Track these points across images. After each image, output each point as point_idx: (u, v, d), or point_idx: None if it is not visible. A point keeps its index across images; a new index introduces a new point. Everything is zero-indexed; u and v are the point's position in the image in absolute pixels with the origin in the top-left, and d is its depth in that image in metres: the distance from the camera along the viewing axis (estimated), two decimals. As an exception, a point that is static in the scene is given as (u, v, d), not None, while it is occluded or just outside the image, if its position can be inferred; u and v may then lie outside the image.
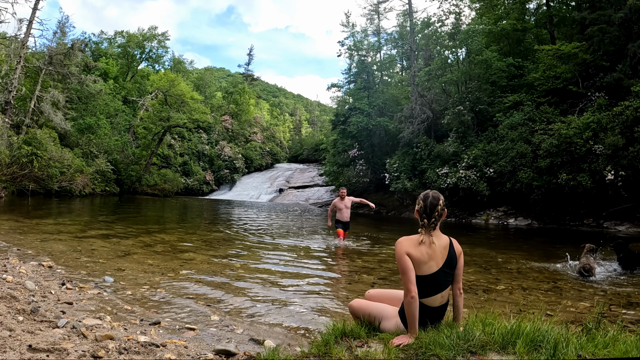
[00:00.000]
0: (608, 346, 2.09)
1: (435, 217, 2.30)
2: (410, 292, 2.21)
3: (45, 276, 4.21)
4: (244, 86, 50.17)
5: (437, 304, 2.34)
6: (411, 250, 2.27)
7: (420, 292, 2.27)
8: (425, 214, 2.31)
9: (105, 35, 38.12)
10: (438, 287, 2.31)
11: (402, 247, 2.28)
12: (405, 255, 2.26)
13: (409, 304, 2.23)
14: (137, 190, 28.80)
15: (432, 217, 2.30)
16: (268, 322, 3.31)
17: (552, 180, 13.76)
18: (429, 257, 2.28)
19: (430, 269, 2.28)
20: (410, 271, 2.23)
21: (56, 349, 2.17)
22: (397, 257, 2.30)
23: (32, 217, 10.01)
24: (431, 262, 2.28)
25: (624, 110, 12.56)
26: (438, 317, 2.39)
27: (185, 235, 8.81)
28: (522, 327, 2.18)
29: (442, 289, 2.33)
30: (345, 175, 26.49)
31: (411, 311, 2.22)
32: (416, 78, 21.99)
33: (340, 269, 5.83)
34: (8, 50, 21.46)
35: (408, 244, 2.30)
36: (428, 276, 2.28)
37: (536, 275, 5.53)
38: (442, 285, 2.33)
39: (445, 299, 2.39)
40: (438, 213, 2.30)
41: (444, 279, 2.32)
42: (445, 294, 2.38)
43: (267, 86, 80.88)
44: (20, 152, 17.83)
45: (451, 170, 17.63)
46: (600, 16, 14.91)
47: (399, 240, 2.34)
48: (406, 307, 2.26)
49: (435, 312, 2.35)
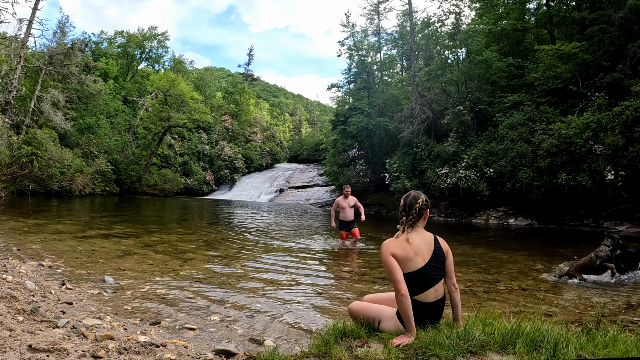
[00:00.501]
0: (608, 346, 2.09)
1: (413, 214, 2.41)
2: (400, 291, 2.24)
3: (45, 276, 4.22)
4: (244, 86, 50.18)
5: (431, 299, 2.36)
6: (395, 250, 2.34)
7: (412, 289, 2.30)
8: (405, 211, 2.44)
9: (105, 35, 38.14)
10: (427, 281, 2.35)
11: (386, 249, 2.36)
12: (390, 256, 2.32)
13: (401, 302, 2.25)
14: (137, 190, 28.80)
15: (410, 214, 2.41)
16: (268, 322, 3.31)
17: (552, 180, 13.75)
18: (414, 252, 2.34)
19: (417, 264, 2.33)
20: (397, 271, 2.29)
21: (56, 349, 2.17)
22: (383, 260, 2.38)
23: (32, 217, 10.01)
24: (417, 258, 2.34)
25: (624, 110, 12.55)
26: (436, 312, 2.40)
27: (185, 235, 8.81)
28: (522, 327, 2.18)
29: (432, 283, 2.36)
30: (345, 175, 26.49)
31: (404, 309, 2.24)
32: (416, 78, 21.99)
33: (341, 269, 5.83)
34: (8, 50, 21.47)
35: (392, 245, 2.37)
36: (416, 272, 2.32)
37: (536, 275, 5.53)
38: (432, 280, 2.36)
39: (441, 294, 2.40)
40: (416, 211, 2.41)
41: (432, 273, 2.36)
42: (440, 289, 2.39)
43: (267, 86, 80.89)
44: (20, 152, 17.83)
45: (451, 170, 17.63)
46: (600, 16, 14.91)
47: (384, 243, 2.41)
48: (399, 307, 2.28)
49: (431, 308, 2.36)
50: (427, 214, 2.47)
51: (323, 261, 6.44)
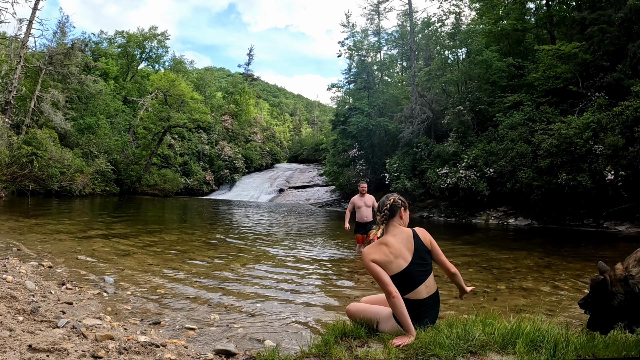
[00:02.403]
0: (608, 346, 2.09)
1: (385, 212, 2.47)
2: (391, 294, 2.26)
3: (45, 276, 4.22)
4: (244, 86, 50.16)
5: (424, 296, 2.37)
6: (375, 256, 2.35)
7: (401, 289, 2.31)
8: (378, 210, 2.54)
9: (105, 35, 38.08)
10: (415, 280, 2.36)
11: (366, 257, 2.38)
12: (372, 262, 2.34)
13: (393, 305, 2.27)
14: (137, 190, 28.78)
15: (382, 212, 2.49)
16: (268, 321, 3.31)
17: (552, 180, 13.76)
18: (394, 255, 2.35)
19: (399, 266, 2.34)
20: (382, 274, 2.30)
21: (56, 349, 2.17)
22: (366, 268, 2.41)
23: (32, 217, 10.00)
24: (398, 260, 2.35)
25: (624, 110, 12.55)
26: (431, 307, 2.40)
27: (185, 235, 8.81)
28: (522, 327, 2.18)
29: (421, 280, 2.37)
30: (345, 175, 26.50)
31: (399, 310, 2.25)
32: (416, 78, 22.00)
33: (341, 269, 5.82)
34: (8, 50, 21.45)
35: (371, 252, 2.39)
36: (400, 273, 2.34)
37: (536, 275, 5.53)
38: (419, 278, 2.36)
39: (433, 288, 2.42)
40: (387, 208, 2.47)
41: (418, 270, 2.37)
42: (431, 284, 2.41)
43: (267, 86, 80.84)
44: (20, 152, 17.82)
45: (451, 170, 17.63)
46: (600, 16, 14.91)
47: (363, 252, 2.44)
48: (393, 309, 2.29)
49: (426, 304, 2.38)
50: (403, 213, 2.50)
51: (323, 261, 6.44)
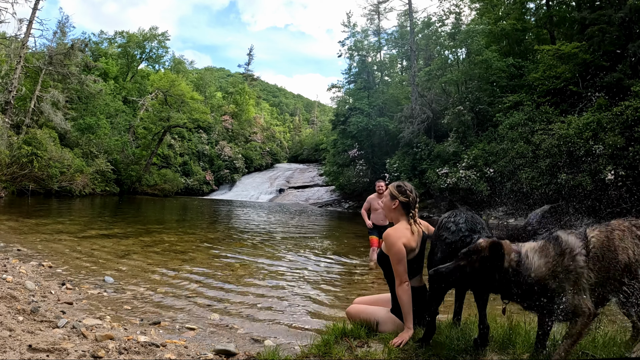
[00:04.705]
0: (608, 346, 2.09)
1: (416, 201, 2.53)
2: (405, 281, 2.29)
3: (45, 276, 4.21)
4: (244, 86, 50.14)
5: (417, 284, 2.45)
6: (405, 240, 2.35)
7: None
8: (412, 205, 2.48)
9: (105, 35, 38.03)
10: (419, 268, 2.45)
11: (398, 238, 2.33)
12: (402, 244, 2.32)
13: (405, 292, 2.27)
14: (137, 190, 28.77)
15: (415, 208, 2.51)
16: (268, 321, 3.31)
17: (552, 180, 13.76)
18: (416, 243, 2.41)
19: (414, 254, 2.40)
20: (405, 261, 2.31)
21: (56, 349, 2.17)
22: (393, 247, 2.32)
23: (32, 217, 10.00)
24: (415, 250, 2.42)
25: (624, 110, 12.55)
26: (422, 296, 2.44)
27: (185, 235, 8.81)
28: (522, 327, 2.18)
29: (420, 269, 2.47)
30: (345, 175, 26.48)
31: (406, 299, 2.27)
32: (416, 78, 21.99)
33: (341, 269, 5.82)
34: (8, 50, 21.44)
35: (403, 234, 2.37)
36: (413, 259, 2.39)
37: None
38: (420, 267, 2.47)
39: (423, 281, 2.52)
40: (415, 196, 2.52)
41: (422, 259, 2.47)
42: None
43: (267, 86, 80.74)
44: (20, 152, 17.81)
45: (451, 170, 17.63)
46: (600, 16, 14.91)
47: (395, 228, 2.40)
48: (402, 296, 2.29)
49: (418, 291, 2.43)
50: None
51: (324, 261, 6.44)
